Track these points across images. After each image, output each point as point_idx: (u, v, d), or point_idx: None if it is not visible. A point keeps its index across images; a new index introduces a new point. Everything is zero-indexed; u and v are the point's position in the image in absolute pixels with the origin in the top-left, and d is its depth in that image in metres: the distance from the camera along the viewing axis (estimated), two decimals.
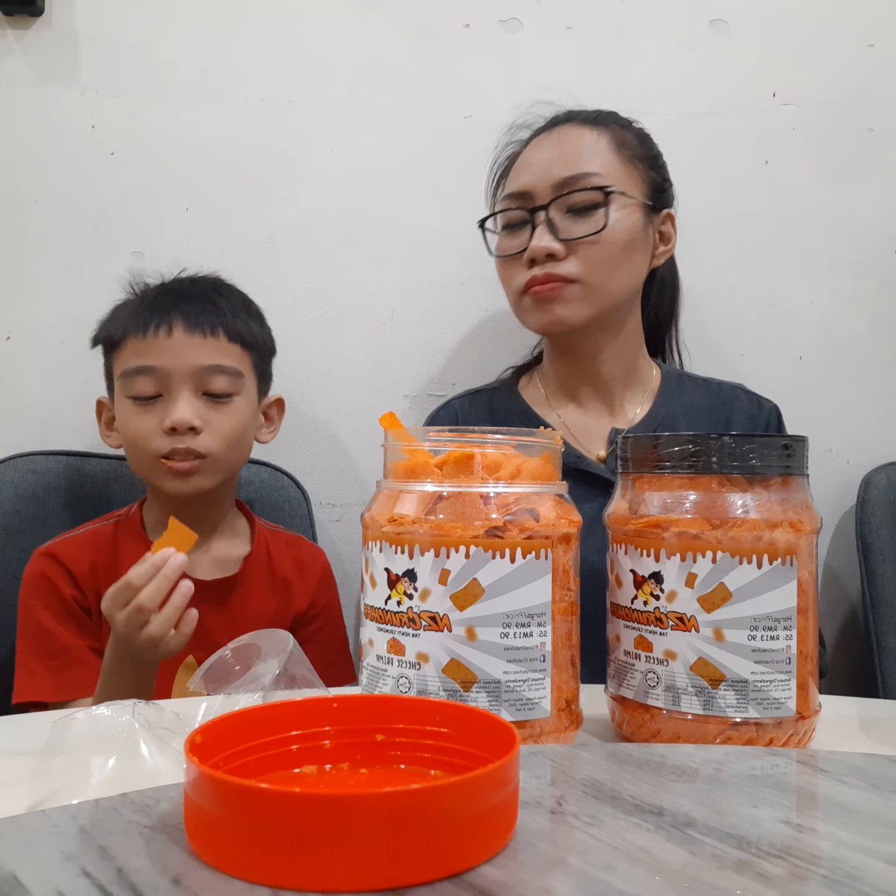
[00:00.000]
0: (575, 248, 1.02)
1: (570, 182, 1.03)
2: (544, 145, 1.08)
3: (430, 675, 0.57)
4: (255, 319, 1.14)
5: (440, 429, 0.63)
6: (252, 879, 0.36)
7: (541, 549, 0.58)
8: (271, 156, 1.34)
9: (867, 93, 1.36)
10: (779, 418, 1.16)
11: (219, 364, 1.06)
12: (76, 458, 1.25)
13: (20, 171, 1.32)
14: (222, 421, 1.06)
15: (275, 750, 0.47)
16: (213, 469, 1.06)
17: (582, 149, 1.05)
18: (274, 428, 1.18)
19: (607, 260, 1.03)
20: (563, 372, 1.14)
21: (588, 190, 1.03)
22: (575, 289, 1.03)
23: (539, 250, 1.02)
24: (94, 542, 1.09)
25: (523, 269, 1.05)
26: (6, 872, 0.36)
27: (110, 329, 1.10)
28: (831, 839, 0.42)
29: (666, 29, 1.35)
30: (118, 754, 0.53)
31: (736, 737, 0.59)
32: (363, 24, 1.34)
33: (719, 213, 1.36)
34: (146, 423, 1.04)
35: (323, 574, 1.17)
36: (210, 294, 1.11)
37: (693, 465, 0.61)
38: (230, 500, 1.16)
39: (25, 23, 1.32)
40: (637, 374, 1.13)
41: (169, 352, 1.04)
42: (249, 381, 1.10)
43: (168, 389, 1.04)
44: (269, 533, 1.17)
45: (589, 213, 1.03)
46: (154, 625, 0.86)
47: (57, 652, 1.02)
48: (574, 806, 0.45)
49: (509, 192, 1.08)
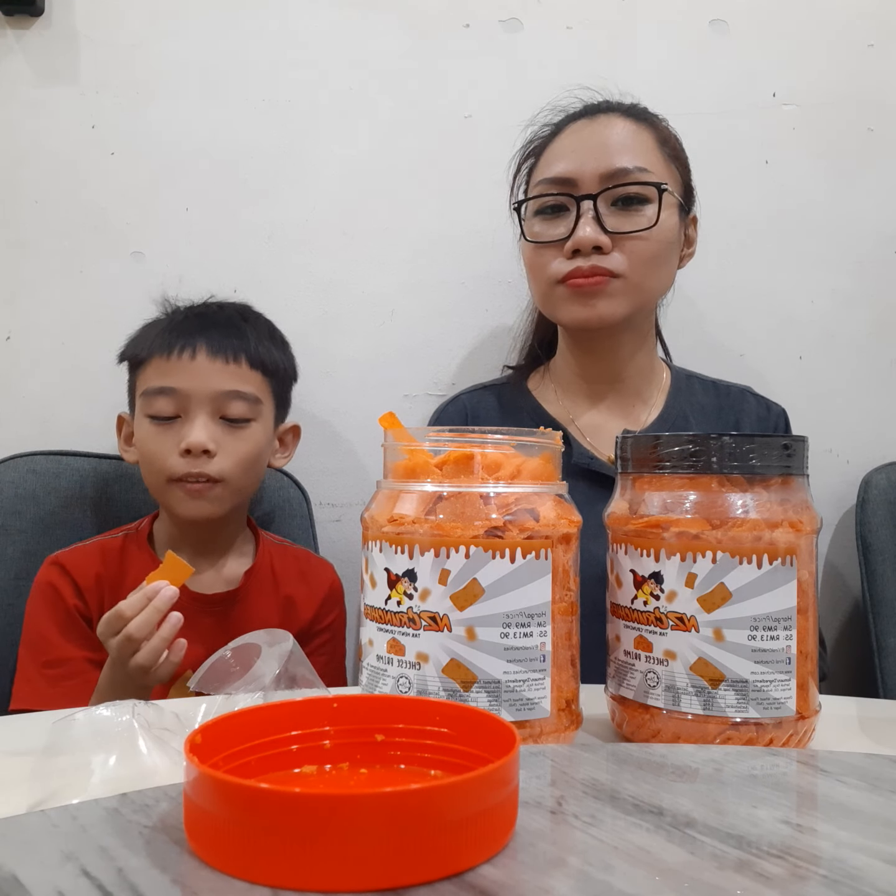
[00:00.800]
0: (621, 242, 1.00)
1: (619, 174, 1.00)
2: (586, 132, 1.04)
3: (430, 675, 0.57)
4: (278, 347, 1.16)
5: (440, 429, 0.63)
6: (252, 879, 0.36)
7: (541, 549, 0.58)
8: (271, 156, 1.34)
9: (867, 93, 1.36)
10: (786, 422, 1.16)
11: (238, 390, 1.07)
12: (76, 458, 1.25)
13: (20, 171, 1.32)
14: (237, 446, 1.07)
15: (275, 750, 0.47)
16: (224, 493, 1.07)
17: (630, 142, 1.02)
18: (288, 454, 1.20)
19: (653, 257, 1.02)
20: (578, 370, 1.12)
21: (642, 184, 1.00)
22: (618, 284, 1.00)
23: (588, 241, 0.99)
24: (102, 554, 1.10)
25: (560, 259, 1.01)
26: (6, 872, 0.36)
27: (137, 347, 1.12)
28: (831, 839, 0.42)
29: (666, 29, 1.35)
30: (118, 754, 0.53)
31: (736, 737, 0.59)
32: (363, 24, 1.34)
33: (719, 212, 1.36)
34: (163, 444, 1.06)
35: (330, 590, 1.17)
36: (235, 321, 1.13)
37: (693, 465, 0.61)
38: (242, 520, 1.17)
39: (25, 23, 1.32)
40: (652, 375, 1.13)
41: (191, 374, 1.05)
42: (267, 408, 1.12)
43: (186, 411, 1.05)
44: (275, 547, 1.18)
45: (636, 208, 1.01)
46: (142, 654, 0.87)
47: (54, 661, 1.03)
48: (574, 806, 0.45)
49: (550, 177, 1.04)
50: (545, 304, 1.07)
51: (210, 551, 1.13)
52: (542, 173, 1.06)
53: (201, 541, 1.12)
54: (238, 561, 1.15)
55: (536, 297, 1.09)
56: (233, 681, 0.63)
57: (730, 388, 1.17)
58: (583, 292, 1.00)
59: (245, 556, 1.16)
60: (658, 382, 1.14)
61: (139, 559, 1.10)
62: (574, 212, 1.01)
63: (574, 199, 1.01)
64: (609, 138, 1.03)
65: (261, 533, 1.18)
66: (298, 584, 1.15)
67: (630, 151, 1.02)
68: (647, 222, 1.00)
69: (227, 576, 1.13)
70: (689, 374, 1.18)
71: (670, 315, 1.34)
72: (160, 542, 1.13)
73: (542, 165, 1.07)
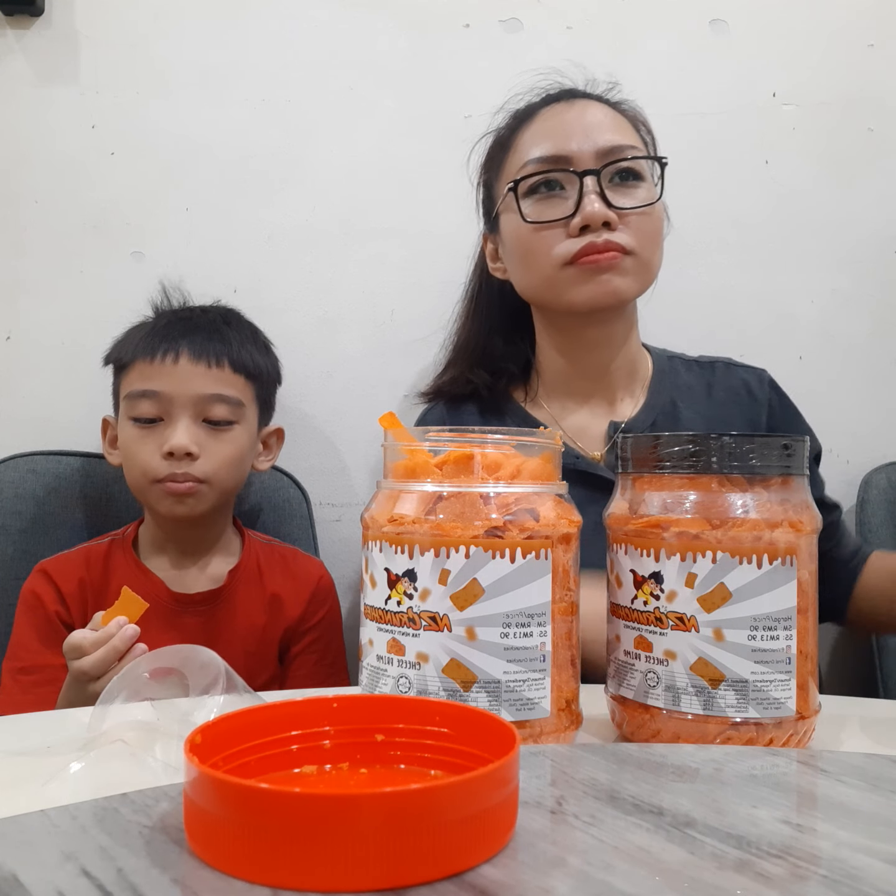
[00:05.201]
0: (625, 218, 0.98)
1: (616, 150, 0.99)
2: (569, 115, 1.02)
3: (430, 675, 0.57)
4: (261, 351, 1.17)
5: (440, 429, 0.63)
6: (252, 879, 0.36)
7: (541, 549, 0.58)
8: (271, 156, 1.34)
9: (867, 93, 1.36)
10: (774, 383, 1.15)
11: (220, 393, 1.08)
12: (76, 458, 1.25)
13: (20, 171, 1.32)
14: (220, 448, 1.08)
15: (275, 750, 0.47)
16: (208, 494, 1.08)
17: (613, 122, 1.02)
18: (272, 457, 1.21)
19: (656, 233, 1.01)
20: (566, 365, 1.09)
21: (644, 158, 1.00)
22: (630, 261, 0.98)
23: (599, 216, 0.96)
24: (86, 560, 1.11)
25: (564, 238, 0.98)
26: (6, 872, 0.36)
27: (120, 351, 1.13)
28: (831, 839, 0.42)
29: (666, 29, 1.35)
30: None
31: (736, 737, 0.59)
32: (363, 24, 1.34)
33: (719, 213, 1.36)
34: (146, 446, 1.07)
35: (318, 587, 1.16)
36: (219, 325, 1.13)
37: (693, 465, 0.61)
38: (227, 521, 1.18)
39: (25, 23, 1.32)
40: (638, 365, 1.11)
41: (173, 378, 1.06)
42: (250, 411, 1.13)
43: (169, 414, 1.06)
44: (261, 546, 1.18)
45: (634, 184, 1.00)
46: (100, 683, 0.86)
47: (30, 668, 1.04)
48: (574, 806, 0.45)
49: (541, 157, 1.00)
50: (549, 291, 1.02)
51: (194, 551, 1.13)
52: (527, 155, 1.01)
53: (186, 541, 1.12)
54: (223, 560, 1.15)
55: (536, 283, 1.03)
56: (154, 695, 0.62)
57: (713, 364, 1.15)
58: (599, 268, 0.97)
59: (231, 555, 1.16)
60: (644, 372, 1.12)
61: (123, 564, 1.11)
62: (575, 189, 0.98)
63: (576, 175, 0.98)
64: (594, 117, 1.01)
65: (247, 532, 1.18)
66: (285, 582, 1.15)
67: (617, 131, 1.01)
68: (648, 197, 1.00)
69: (211, 575, 1.13)
70: (672, 356, 1.16)
71: (670, 315, 1.34)
72: (145, 545, 1.14)
73: (522, 149, 1.03)
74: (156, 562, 1.12)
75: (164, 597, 1.09)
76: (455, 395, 1.16)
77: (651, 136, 1.08)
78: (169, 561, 1.12)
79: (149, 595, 1.03)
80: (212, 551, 1.15)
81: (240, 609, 1.12)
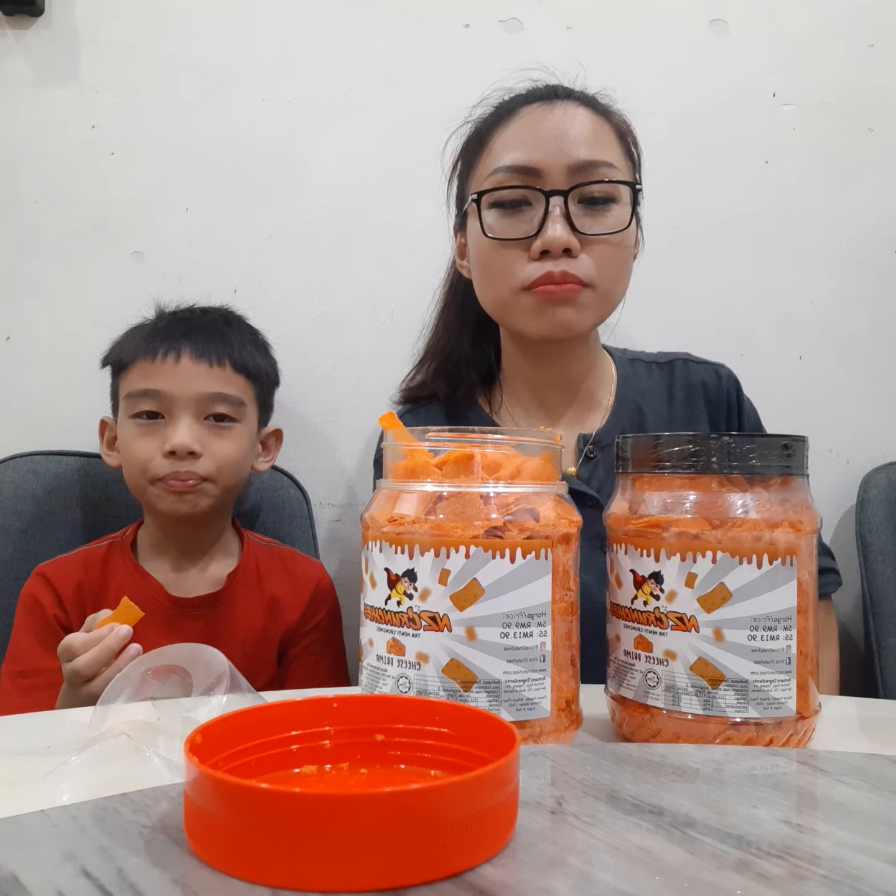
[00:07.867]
0: (589, 245, 0.93)
1: (588, 167, 0.92)
2: (547, 121, 0.95)
3: (430, 675, 0.57)
4: (261, 352, 1.17)
5: (440, 429, 0.63)
6: (252, 879, 0.36)
7: (541, 549, 0.58)
8: (271, 156, 1.34)
9: (867, 93, 1.36)
10: (737, 383, 1.12)
11: (222, 392, 1.08)
12: (76, 457, 1.25)
13: (20, 171, 1.32)
14: (222, 446, 1.08)
15: (275, 750, 0.47)
16: (210, 491, 1.08)
17: (593, 134, 0.95)
18: (271, 458, 1.21)
19: (620, 263, 0.95)
20: (528, 375, 1.05)
21: (615, 183, 0.93)
22: (588, 294, 0.93)
23: (560, 242, 0.90)
24: (84, 563, 1.11)
25: (525, 259, 0.93)
26: (6, 872, 0.36)
27: (121, 352, 1.13)
28: (831, 839, 0.42)
29: (666, 29, 1.35)
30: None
31: (736, 737, 0.59)
32: (363, 24, 1.34)
33: (719, 212, 1.36)
34: (147, 446, 1.06)
35: (317, 589, 1.16)
36: (219, 325, 1.14)
37: (693, 465, 0.61)
38: (227, 521, 1.17)
39: (25, 23, 1.32)
40: (604, 375, 1.08)
41: (175, 377, 1.07)
42: (251, 411, 1.13)
43: (170, 413, 1.06)
44: (260, 549, 1.18)
45: (603, 208, 0.94)
46: (95, 683, 0.86)
47: (29, 672, 1.04)
48: (574, 806, 0.45)
49: (510, 165, 0.94)
50: (503, 313, 0.98)
51: (194, 552, 1.13)
52: (498, 160, 0.96)
53: (185, 542, 1.12)
54: (223, 562, 1.15)
55: (491, 302, 0.99)
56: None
57: (672, 363, 1.11)
58: (554, 300, 0.92)
59: (230, 557, 1.16)
60: (608, 379, 1.08)
61: (122, 567, 1.11)
62: (540, 208, 0.93)
63: (543, 195, 0.92)
64: (573, 127, 0.94)
65: (246, 534, 1.18)
66: (284, 584, 1.14)
67: (595, 144, 0.94)
68: (616, 223, 0.94)
69: (210, 578, 1.13)
70: (633, 358, 1.13)
71: (670, 314, 1.34)
72: (144, 548, 1.14)
73: (495, 152, 0.97)
74: (155, 564, 1.12)
75: (162, 601, 1.09)
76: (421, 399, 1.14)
77: (636, 148, 1.02)
78: (168, 563, 1.12)
79: (147, 599, 1.04)
80: (211, 552, 1.15)
81: (239, 612, 1.11)
